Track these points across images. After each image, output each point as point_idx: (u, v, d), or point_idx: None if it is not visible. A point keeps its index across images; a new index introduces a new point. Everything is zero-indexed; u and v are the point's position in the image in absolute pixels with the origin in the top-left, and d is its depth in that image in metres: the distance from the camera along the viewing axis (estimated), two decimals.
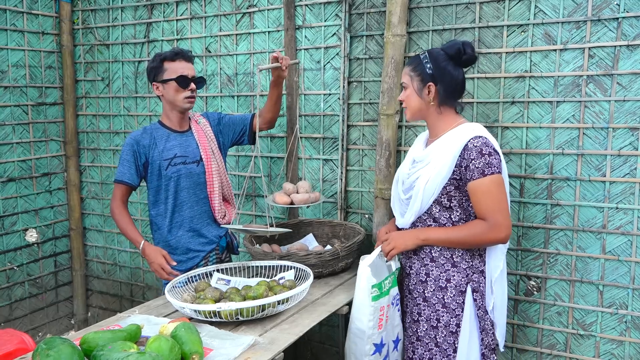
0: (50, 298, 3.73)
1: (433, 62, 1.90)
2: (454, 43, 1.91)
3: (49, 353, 1.44)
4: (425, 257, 1.97)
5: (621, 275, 2.21)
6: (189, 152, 2.38)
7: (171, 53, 2.32)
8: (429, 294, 1.96)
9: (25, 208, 3.52)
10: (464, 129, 1.89)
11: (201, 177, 2.39)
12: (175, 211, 2.37)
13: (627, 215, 2.18)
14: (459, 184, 1.87)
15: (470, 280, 1.91)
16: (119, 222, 2.36)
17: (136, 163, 2.33)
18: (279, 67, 2.32)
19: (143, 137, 2.35)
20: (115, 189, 2.37)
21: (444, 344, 1.93)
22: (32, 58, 3.47)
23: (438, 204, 1.91)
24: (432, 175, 1.88)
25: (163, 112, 2.41)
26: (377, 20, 2.61)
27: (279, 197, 2.41)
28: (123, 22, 3.41)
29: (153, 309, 2.04)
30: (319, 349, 2.98)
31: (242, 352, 1.60)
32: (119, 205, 2.36)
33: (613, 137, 2.18)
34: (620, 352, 2.25)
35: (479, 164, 1.79)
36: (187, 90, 2.30)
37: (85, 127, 3.70)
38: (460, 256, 1.91)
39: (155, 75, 2.33)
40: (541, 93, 2.29)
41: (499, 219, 1.80)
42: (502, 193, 1.82)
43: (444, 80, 1.89)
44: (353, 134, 2.74)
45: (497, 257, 1.95)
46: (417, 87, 1.93)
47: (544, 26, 2.25)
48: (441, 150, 1.89)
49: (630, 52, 2.12)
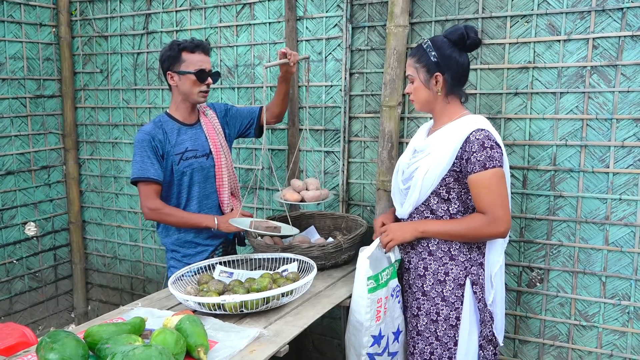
0: (50, 291, 3.72)
1: (437, 51, 1.87)
2: (456, 28, 1.89)
3: (53, 346, 1.43)
4: (423, 251, 1.96)
5: (624, 267, 2.21)
6: (199, 145, 2.34)
7: (191, 44, 2.26)
8: (427, 287, 1.95)
9: (24, 201, 3.50)
10: (467, 121, 1.87)
11: (210, 171, 2.37)
12: (186, 205, 2.33)
13: (630, 206, 2.18)
14: (458, 176, 1.85)
15: (469, 273, 1.90)
16: (173, 216, 2.25)
17: (157, 158, 2.25)
18: (287, 63, 2.29)
19: (156, 131, 2.27)
20: (143, 189, 2.23)
21: (444, 338, 1.93)
22: (29, 50, 3.44)
23: (436, 196, 1.90)
24: (432, 166, 1.86)
25: (172, 103, 2.37)
26: (379, 11, 2.59)
27: (289, 194, 2.39)
28: (121, 13, 3.38)
29: (156, 302, 2.03)
30: (320, 341, 2.98)
31: (248, 345, 1.59)
32: (160, 203, 2.24)
33: (617, 128, 2.17)
34: (623, 342, 2.25)
35: (481, 157, 1.78)
36: (203, 84, 2.27)
37: (84, 120, 3.67)
38: (458, 249, 1.91)
39: (171, 64, 2.27)
40: (544, 84, 2.28)
41: (498, 213, 1.79)
42: (503, 187, 1.81)
43: (450, 68, 1.87)
44: (355, 126, 2.73)
45: (497, 251, 1.94)
46: (423, 79, 1.90)
47: (548, 16, 2.24)
48: (442, 141, 1.87)
49: (635, 43, 2.11)
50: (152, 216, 2.27)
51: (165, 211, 2.25)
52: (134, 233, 3.60)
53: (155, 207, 2.24)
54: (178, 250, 2.38)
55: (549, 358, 2.40)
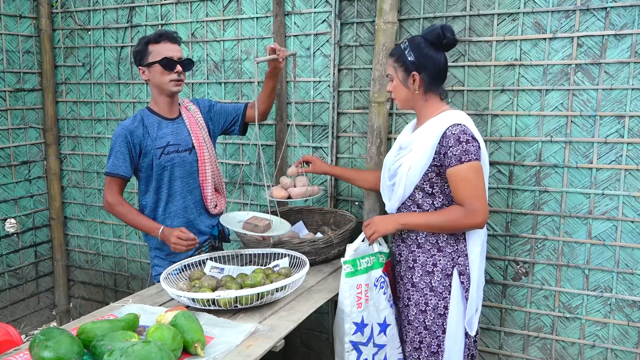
0: (31, 289, 3.66)
1: (415, 51, 1.93)
2: (433, 28, 1.94)
3: (47, 344, 1.41)
4: (412, 244, 2.01)
5: (606, 260, 2.28)
6: (181, 140, 2.33)
7: (155, 35, 2.25)
8: (416, 279, 2.00)
9: (4, 197, 3.43)
10: (445, 117, 1.92)
11: (194, 166, 2.35)
12: (169, 201, 2.32)
13: (612, 201, 2.24)
14: (439, 170, 1.91)
15: (456, 264, 1.95)
16: (125, 216, 2.27)
17: (130, 155, 2.25)
18: (276, 59, 2.29)
19: (135, 126, 2.25)
20: (109, 182, 2.27)
21: (433, 327, 1.98)
22: (9, 42, 3.36)
23: (420, 190, 1.96)
24: (414, 162, 1.93)
25: (152, 98, 2.35)
26: (368, 7, 2.60)
27: (276, 192, 2.41)
28: (104, 6, 3.32)
29: (147, 298, 2.02)
30: (308, 335, 3.00)
31: (244, 340, 1.60)
32: (118, 199, 2.27)
33: (600, 124, 2.23)
34: (605, 333, 2.32)
35: (457, 152, 1.83)
36: (173, 72, 2.23)
37: (65, 114, 3.60)
38: (445, 241, 1.96)
39: (141, 59, 2.26)
40: (530, 81, 2.32)
41: (475, 204, 1.84)
42: (480, 180, 1.86)
43: (427, 68, 1.92)
44: (343, 122, 2.74)
45: (474, 241, 1.97)
46: (401, 78, 1.97)
47: (534, 15, 2.28)
48: (422, 138, 1.93)
49: (618, 42, 2.17)
50: (108, 209, 2.32)
51: (118, 209, 2.28)
52: (117, 229, 3.56)
53: (111, 202, 2.28)
54: (162, 248, 2.36)
55: (534, 349, 2.46)
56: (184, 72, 2.29)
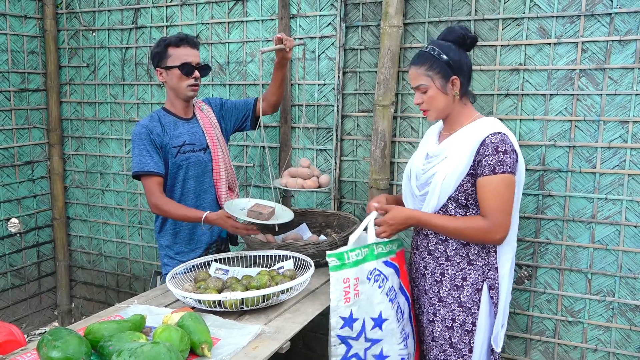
0: (33, 289, 3.66)
1: (447, 54, 1.83)
2: (452, 30, 1.87)
3: (55, 344, 1.42)
4: (440, 257, 1.92)
5: (609, 264, 2.29)
6: (196, 139, 2.33)
7: (176, 39, 2.25)
8: (444, 293, 1.91)
9: (7, 197, 3.43)
10: (483, 124, 1.84)
11: (208, 165, 2.36)
12: (181, 200, 2.32)
13: (615, 205, 2.25)
14: (474, 180, 1.82)
15: (487, 278, 1.87)
16: (171, 212, 2.21)
17: (157, 151, 2.23)
18: (283, 49, 2.29)
19: (154, 124, 2.25)
20: (146, 183, 2.21)
21: (459, 344, 1.89)
22: (14, 42, 3.37)
23: (454, 201, 1.86)
24: (450, 170, 1.82)
25: (167, 99, 2.36)
26: (373, 10, 2.62)
27: (306, 182, 2.37)
28: (110, 7, 3.33)
29: (152, 299, 2.02)
30: (310, 337, 3.00)
31: (250, 341, 1.61)
32: (161, 197, 2.21)
33: (604, 129, 2.24)
34: (607, 337, 2.33)
35: (492, 161, 1.75)
36: (190, 78, 2.26)
37: (69, 115, 3.61)
38: (476, 254, 1.87)
39: (159, 60, 2.27)
40: (535, 86, 2.33)
41: (499, 219, 1.76)
42: (510, 194, 1.77)
43: (462, 70, 1.85)
44: (347, 124, 2.75)
45: (505, 255, 1.89)
46: (440, 85, 1.84)
47: (539, 20, 2.29)
48: (459, 145, 1.83)
49: (622, 47, 2.18)
50: (155, 212, 2.27)
51: (164, 207, 2.21)
52: (120, 230, 3.57)
53: (156, 203, 2.22)
54: (171, 247, 2.38)
55: (536, 353, 2.47)
56: (201, 78, 2.30)
